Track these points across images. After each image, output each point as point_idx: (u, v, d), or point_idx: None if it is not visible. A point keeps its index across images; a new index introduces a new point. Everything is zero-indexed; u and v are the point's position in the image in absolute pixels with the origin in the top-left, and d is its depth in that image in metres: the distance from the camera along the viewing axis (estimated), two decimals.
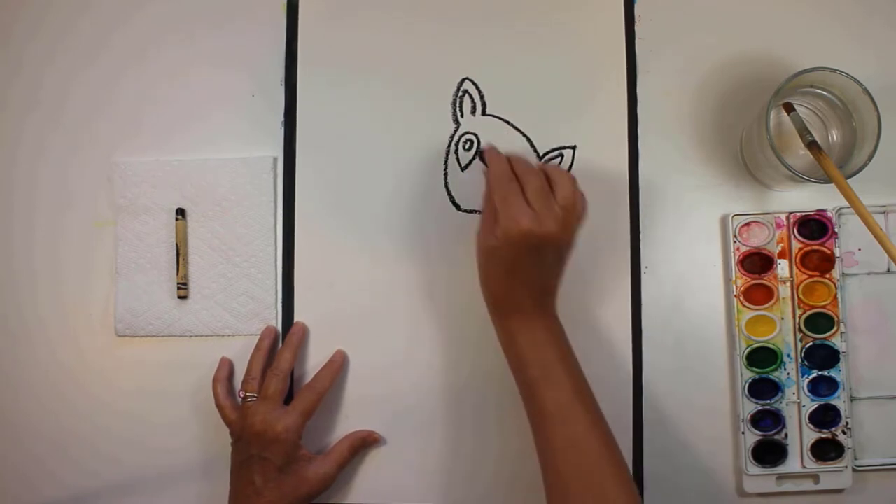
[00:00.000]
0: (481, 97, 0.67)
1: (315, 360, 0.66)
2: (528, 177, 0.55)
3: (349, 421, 0.65)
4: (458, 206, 0.66)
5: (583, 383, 0.56)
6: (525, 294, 0.56)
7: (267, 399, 0.61)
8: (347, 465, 0.63)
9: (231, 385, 0.65)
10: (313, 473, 0.61)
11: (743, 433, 0.63)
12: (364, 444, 0.64)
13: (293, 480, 0.60)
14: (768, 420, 0.63)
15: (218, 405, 0.63)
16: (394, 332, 0.66)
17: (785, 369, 0.63)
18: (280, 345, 0.66)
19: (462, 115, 0.67)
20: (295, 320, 0.66)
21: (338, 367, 0.65)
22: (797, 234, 0.64)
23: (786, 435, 0.63)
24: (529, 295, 0.56)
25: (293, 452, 0.60)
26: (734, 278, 0.64)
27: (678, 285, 0.65)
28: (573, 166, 0.66)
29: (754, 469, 0.63)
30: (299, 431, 0.61)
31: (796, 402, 0.63)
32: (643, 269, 0.65)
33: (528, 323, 0.56)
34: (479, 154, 0.59)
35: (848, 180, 0.56)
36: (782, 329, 0.64)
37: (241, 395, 0.63)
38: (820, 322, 0.63)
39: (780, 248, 0.64)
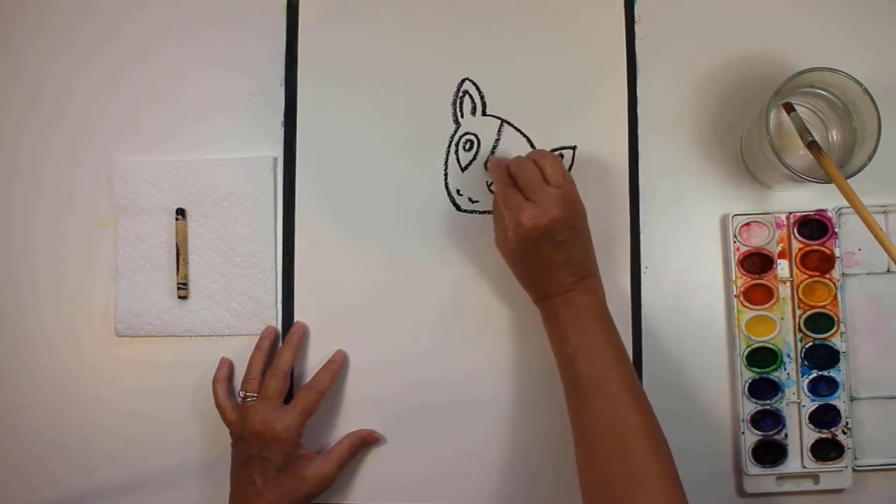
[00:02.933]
0: (481, 97, 0.67)
1: (315, 359, 0.66)
2: (519, 171, 0.58)
3: (349, 420, 0.65)
4: (458, 207, 0.66)
5: (621, 355, 0.56)
6: (559, 276, 0.57)
7: (267, 399, 0.61)
8: (347, 465, 0.63)
9: (231, 385, 0.65)
10: (313, 473, 0.61)
11: (743, 433, 0.63)
12: (364, 443, 0.64)
13: (293, 480, 0.60)
14: (768, 420, 0.63)
15: (218, 405, 0.63)
16: (394, 332, 0.66)
17: (785, 369, 0.63)
18: (280, 345, 0.66)
19: (462, 116, 0.67)
20: (295, 320, 0.66)
21: (337, 366, 0.65)
22: (797, 234, 0.64)
23: (786, 435, 0.63)
24: (564, 274, 0.57)
25: (293, 452, 0.60)
26: (734, 278, 0.64)
27: (678, 285, 0.65)
28: (573, 166, 0.66)
29: (754, 469, 0.63)
30: (299, 431, 0.61)
31: (796, 402, 0.63)
32: (643, 269, 0.65)
33: (569, 299, 0.57)
34: (485, 166, 0.62)
35: (848, 180, 0.56)
36: (782, 329, 0.64)
37: (241, 395, 0.63)
38: (820, 322, 0.63)
39: (780, 248, 0.64)
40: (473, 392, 0.65)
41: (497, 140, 0.66)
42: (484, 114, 0.67)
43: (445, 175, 0.66)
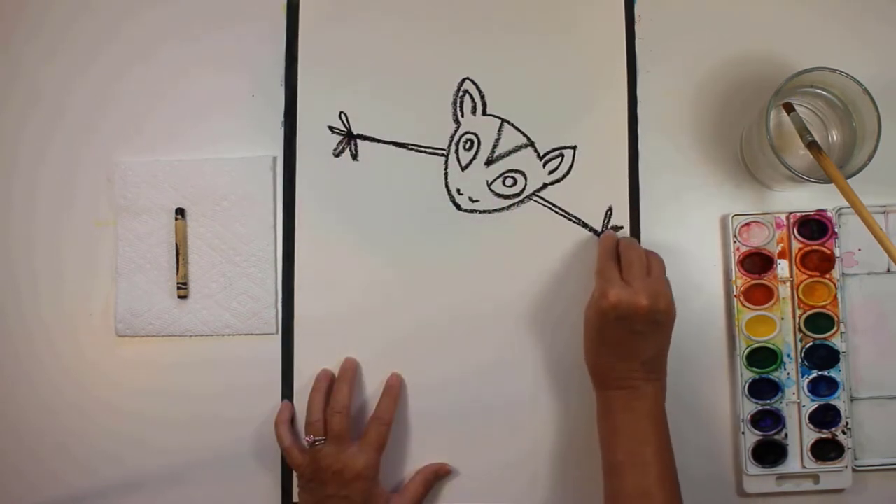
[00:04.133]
0: (482, 97, 0.67)
1: (315, 359, 0.66)
2: (627, 252, 0.59)
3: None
4: (458, 206, 0.66)
5: (669, 467, 0.56)
6: (626, 367, 0.57)
7: (336, 438, 0.60)
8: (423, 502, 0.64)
9: (294, 427, 0.65)
10: None
11: (743, 433, 0.63)
12: (437, 477, 0.64)
13: None
14: (768, 420, 0.63)
15: (283, 448, 0.62)
16: (394, 332, 0.66)
17: (785, 369, 0.63)
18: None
19: (462, 115, 0.67)
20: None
21: (397, 392, 0.64)
22: (797, 234, 0.64)
23: (786, 435, 0.63)
24: (632, 368, 0.56)
25: (372, 489, 0.60)
26: (734, 278, 0.64)
27: (678, 285, 0.65)
28: (573, 166, 0.66)
29: (754, 469, 0.63)
30: (377, 467, 0.61)
31: (796, 402, 0.63)
32: None
33: (629, 400, 0.57)
34: (597, 233, 0.64)
35: (848, 180, 0.56)
36: (782, 329, 0.64)
37: (310, 441, 0.61)
38: (820, 322, 0.63)
39: (780, 248, 0.64)
40: (473, 391, 0.65)
41: (497, 140, 0.66)
42: (484, 113, 0.67)
43: (445, 175, 0.66)
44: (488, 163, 0.66)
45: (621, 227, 0.65)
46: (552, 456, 0.64)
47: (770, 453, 0.63)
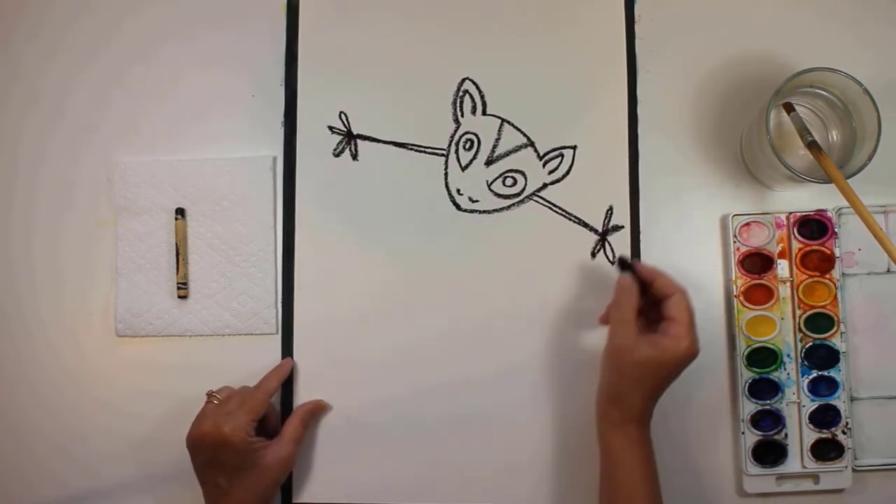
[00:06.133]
0: (481, 97, 0.67)
1: (314, 358, 0.66)
2: (681, 301, 0.57)
3: (350, 421, 0.65)
4: (458, 207, 0.66)
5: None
6: (642, 408, 0.57)
7: (226, 403, 0.61)
8: (304, 440, 0.64)
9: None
10: (272, 459, 0.61)
11: (743, 433, 0.63)
12: (314, 414, 0.65)
13: (255, 473, 0.60)
14: (768, 420, 0.63)
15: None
16: (393, 332, 0.66)
17: (785, 369, 0.63)
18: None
19: (462, 115, 0.67)
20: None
21: (284, 371, 0.65)
22: (797, 234, 0.64)
23: (786, 435, 0.63)
24: (644, 410, 0.57)
25: (246, 448, 0.60)
26: (734, 278, 0.64)
27: None
28: (573, 166, 0.66)
29: (754, 469, 0.63)
30: (247, 429, 0.60)
31: (796, 402, 0.63)
32: None
33: (645, 433, 0.58)
34: (621, 262, 0.59)
35: (848, 180, 0.56)
36: (782, 329, 0.64)
37: (208, 394, 0.62)
38: (820, 322, 0.63)
39: (780, 248, 0.64)
40: (474, 392, 0.65)
41: (497, 140, 0.66)
42: (484, 113, 0.67)
43: (445, 175, 0.66)
44: (488, 163, 0.66)
45: (622, 227, 0.65)
46: (553, 456, 0.64)
47: (770, 453, 0.63)
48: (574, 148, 0.66)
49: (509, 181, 0.66)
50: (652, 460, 0.57)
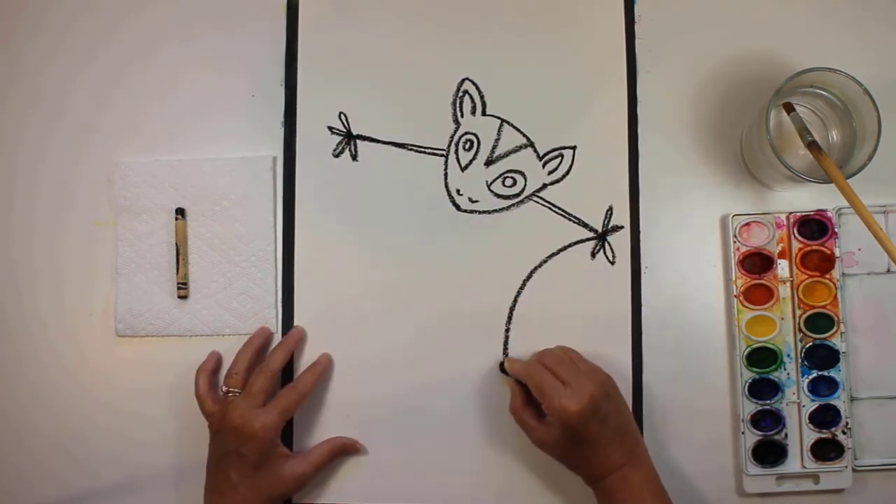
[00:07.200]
0: (481, 97, 0.67)
1: (313, 358, 0.66)
2: (543, 359, 0.59)
3: (350, 420, 0.65)
4: (458, 207, 0.66)
5: None
6: (608, 452, 0.56)
7: (250, 395, 0.61)
8: (325, 468, 0.64)
9: (215, 378, 0.65)
10: (290, 472, 0.61)
11: (743, 433, 0.63)
12: (345, 451, 0.64)
13: (269, 478, 0.60)
14: (768, 420, 0.63)
15: (198, 395, 0.63)
16: (393, 332, 0.66)
17: (785, 369, 0.63)
18: (273, 346, 0.66)
19: (462, 115, 0.67)
20: (295, 324, 0.66)
21: (322, 369, 0.64)
22: (797, 234, 0.64)
23: (786, 435, 0.63)
24: (613, 449, 0.56)
25: (270, 450, 0.60)
26: (734, 278, 0.64)
27: (678, 285, 0.65)
28: (573, 166, 0.66)
29: (754, 469, 0.63)
30: (277, 430, 0.60)
31: (796, 402, 0.63)
32: (643, 270, 0.65)
33: (624, 478, 0.56)
34: (501, 366, 0.64)
35: (848, 180, 0.56)
36: (782, 329, 0.64)
37: (224, 390, 0.62)
38: (820, 322, 0.63)
39: (780, 248, 0.64)
40: (474, 392, 0.65)
41: (497, 140, 0.66)
42: (484, 113, 0.67)
43: (445, 175, 0.66)
44: (488, 163, 0.66)
45: (622, 227, 0.65)
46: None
47: (770, 453, 0.63)
48: (574, 148, 0.66)
49: (509, 181, 0.66)
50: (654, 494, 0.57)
